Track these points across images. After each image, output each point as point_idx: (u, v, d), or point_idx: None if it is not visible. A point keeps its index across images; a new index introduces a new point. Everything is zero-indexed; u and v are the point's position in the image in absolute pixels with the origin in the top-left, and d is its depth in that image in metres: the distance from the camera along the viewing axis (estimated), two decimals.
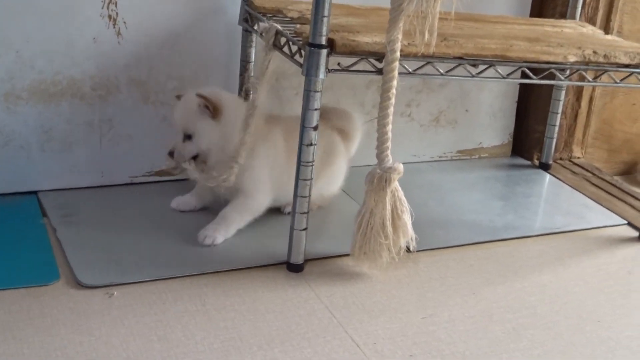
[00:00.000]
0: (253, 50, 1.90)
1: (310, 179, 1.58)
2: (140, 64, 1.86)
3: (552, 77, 1.79)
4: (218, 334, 1.42)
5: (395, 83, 1.53)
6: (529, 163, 2.38)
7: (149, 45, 1.86)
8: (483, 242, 1.86)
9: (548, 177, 2.31)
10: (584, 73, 1.82)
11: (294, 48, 1.61)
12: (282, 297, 1.55)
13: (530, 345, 1.48)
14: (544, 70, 1.75)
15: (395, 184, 1.58)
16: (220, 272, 1.61)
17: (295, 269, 1.64)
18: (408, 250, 1.66)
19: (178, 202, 1.84)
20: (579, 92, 2.36)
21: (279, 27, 1.66)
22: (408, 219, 1.61)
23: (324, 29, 1.51)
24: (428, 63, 1.65)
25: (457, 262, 1.76)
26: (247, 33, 1.89)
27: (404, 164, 1.59)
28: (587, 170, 2.36)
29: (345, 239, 1.67)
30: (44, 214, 1.77)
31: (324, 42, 1.52)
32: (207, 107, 1.67)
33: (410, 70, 1.64)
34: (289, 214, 1.66)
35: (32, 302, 1.45)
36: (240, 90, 1.93)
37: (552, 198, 2.20)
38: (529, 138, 2.40)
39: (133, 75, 1.86)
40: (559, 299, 1.65)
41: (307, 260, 1.66)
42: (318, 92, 1.53)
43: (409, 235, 1.62)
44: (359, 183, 1.62)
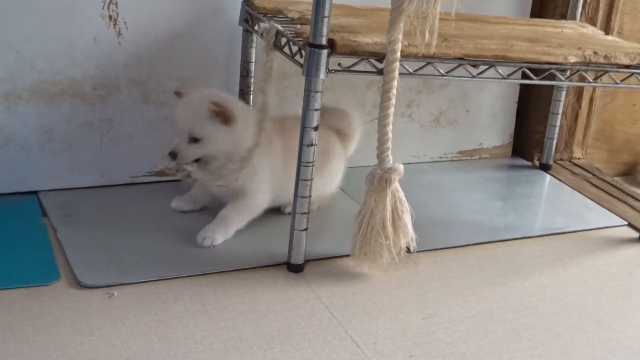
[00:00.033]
0: (253, 51, 1.90)
1: (311, 179, 1.58)
2: (141, 64, 1.86)
3: (552, 77, 1.79)
4: (218, 334, 1.42)
5: (396, 83, 1.53)
6: (530, 164, 2.38)
7: (150, 46, 1.86)
8: (483, 242, 1.86)
9: (548, 177, 2.31)
10: (585, 74, 1.82)
11: (295, 48, 1.61)
12: (282, 297, 1.55)
13: (531, 346, 1.48)
14: (545, 71, 1.76)
15: (396, 185, 1.58)
16: (221, 272, 1.61)
17: (296, 270, 1.64)
18: (408, 251, 1.66)
19: (178, 202, 1.83)
20: (580, 92, 2.36)
21: (280, 27, 1.66)
22: (408, 220, 1.61)
23: (325, 30, 1.51)
24: (428, 63, 1.65)
25: (457, 262, 1.76)
26: (247, 33, 1.89)
27: (405, 165, 1.59)
28: (587, 171, 2.36)
29: (346, 240, 1.67)
30: (45, 214, 1.77)
31: (325, 42, 1.52)
32: (220, 114, 1.65)
33: (411, 71, 1.64)
34: (289, 215, 1.66)
35: (32, 302, 1.45)
36: (241, 91, 1.93)
37: (552, 199, 2.20)
38: (530, 139, 2.40)
39: (133, 76, 1.86)
40: (560, 300, 1.65)
41: (307, 261, 1.66)
42: (318, 92, 1.53)
43: (410, 236, 1.62)
44: (360, 183, 1.62)
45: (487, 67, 1.71)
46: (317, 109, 1.54)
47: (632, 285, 1.74)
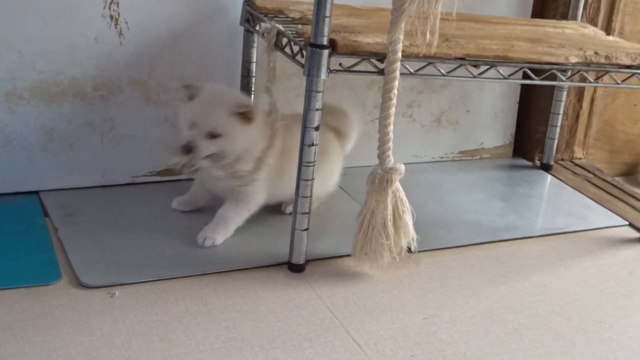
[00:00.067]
0: (255, 51, 1.90)
1: (312, 179, 1.59)
2: (142, 64, 1.86)
3: (553, 78, 1.79)
4: (219, 334, 1.42)
5: (397, 84, 1.53)
6: (530, 164, 2.38)
7: (151, 46, 1.86)
8: (484, 242, 1.86)
9: (549, 177, 2.31)
10: (586, 74, 1.82)
11: (296, 48, 1.61)
12: (283, 297, 1.55)
13: (532, 346, 1.48)
14: (546, 71, 1.76)
15: (397, 185, 1.58)
16: (222, 272, 1.61)
17: (297, 269, 1.64)
18: (409, 251, 1.66)
19: (179, 202, 1.83)
20: (581, 93, 2.36)
21: (281, 27, 1.66)
22: (409, 220, 1.61)
23: (326, 30, 1.51)
24: (429, 64, 1.65)
25: (458, 262, 1.76)
26: (248, 33, 1.89)
27: (405, 165, 1.59)
28: (588, 171, 2.36)
29: (347, 240, 1.67)
30: (45, 214, 1.77)
31: (326, 42, 1.52)
32: (243, 113, 1.64)
33: (412, 71, 1.64)
34: (290, 214, 1.66)
35: (33, 301, 1.45)
36: (242, 91, 1.93)
37: (553, 199, 2.20)
38: (531, 139, 2.40)
39: (134, 76, 1.87)
40: (560, 300, 1.65)
41: (308, 261, 1.66)
42: (320, 92, 1.53)
43: (410, 236, 1.62)
44: (361, 183, 1.62)
45: (488, 67, 1.71)
46: (318, 109, 1.54)
47: (632, 286, 1.74)
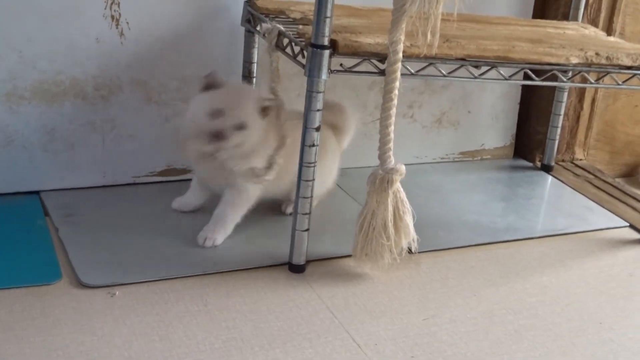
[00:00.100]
0: (256, 51, 1.90)
1: (312, 180, 1.58)
2: (143, 64, 1.86)
3: (554, 78, 1.79)
4: (220, 334, 1.42)
5: (398, 84, 1.53)
6: (531, 165, 2.38)
7: (152, 46, 1.86)
8: (484, 243, 1.86)
9: (550, 178, 2.31)
10: (586, 75, 1.82)
11: (297, 49, 1.61)
12: (283, 297, 1.55)
13: (532, 347, 1.48)
14: (546, 72, 1.75)
15: (397, 185, 1.58)
16: (222, 272, 1.61)
17: (297, 270, 1.65)
18: (410, 252, 1.66)
19: (179, 202, 1.83)
20: (582, 93, 2.36)
21: (282, 27, 1.66)
22: (410, 220, 1.61)
23: (327, 30, 1.51)
24: (430, 64, 1.65)
25: (458, 263, 1.76)
26: (249, 34, 1.89)
27: (406, 165, 1.59)
28: (589, 172, 2.36)
29: (347, 240, 1.67)
30: (46, 214, 1.77)
31: (327, 42, 1.52)
32: (266, 108, 1.66)
33: (413, 72, 1.64)
34: (291, 215, 1.66)
35: (34, 301, 1.45)
36: None
37: (554, 200, 2.20)
38: (531, 140, 2.40)
39: (135, 76, 1.87)
40: (561, 301, 1.65)
41: (308, 261, 1.66)
42: (320, 93, 1.54)
43: (411, 237, 1.62)
44: (361, 184, 1.62)
45: (489, 68, 1.71)
46: (319, 110, 1.54)
47: (633, 287, 1.74)
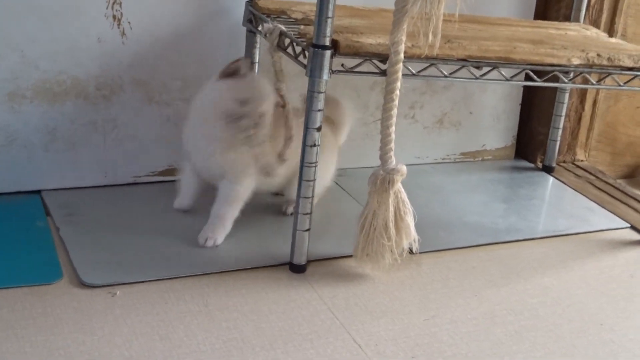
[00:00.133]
0: (257, 51, 1.90)
1: (314, 180, 1.58)
2: (144, 64, 1.87)
3: (555, 79, 1.79)
4: (220, 334, 1.42)
5: (399, 84, 1.53)
6: (532, 165, 2.38)
7: (153, 46, 1.86)
8: (486, 244, 1.86)
9: (551, 179, 2.31)
10: (588, 76, 1.82)
11: (298, 49, 1.61)
12: (284, 298, 1.55)
13: (533, 348, 1.48)
14: (548, 73, 1.75)
15: (398, 186, 1.58)
16: (223, 272, 1.61)
17: (298, 270, 1.65)
18: (411, 252, 1.66)
19: (179, 201, 1.83)
20: (583, 94, 2.36)
21: (283, 28, 1.66)
22: (411, 221, 1.61)
23: (328, 30, 1.51)
24: (432, 65, 1.65)
25: (459, 264, 1.76)
26: (251, 34, 1.89)
27: (407, 166, 1.59)
28: (590, 173, 2.36)
29: (348, 240, 1.67)
30: (47, 213, 1.77)
31: (328, 43, 1.52)
32: (281, 97, 1.70)
33: (414, 72, 1.64)
34: (292, 215, 1.66)
35: (34, 301, 1.45)
36: None
37: (555, 201, 2.20)
38: (533, 140, 2.40)
39: (137, 76, 1.87)
40: (562, 302, 1.65)
41: (309, 261, 1.66)
42: (322, 93, 1.54)
43: (412, 237, 1.62)
44: (362, 184, 1.62)
45: (490, 68, 1.70)
46: (320, 110, 1.54)
47: (634, 288, 1.74)
